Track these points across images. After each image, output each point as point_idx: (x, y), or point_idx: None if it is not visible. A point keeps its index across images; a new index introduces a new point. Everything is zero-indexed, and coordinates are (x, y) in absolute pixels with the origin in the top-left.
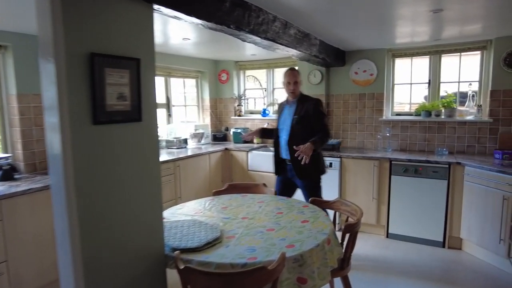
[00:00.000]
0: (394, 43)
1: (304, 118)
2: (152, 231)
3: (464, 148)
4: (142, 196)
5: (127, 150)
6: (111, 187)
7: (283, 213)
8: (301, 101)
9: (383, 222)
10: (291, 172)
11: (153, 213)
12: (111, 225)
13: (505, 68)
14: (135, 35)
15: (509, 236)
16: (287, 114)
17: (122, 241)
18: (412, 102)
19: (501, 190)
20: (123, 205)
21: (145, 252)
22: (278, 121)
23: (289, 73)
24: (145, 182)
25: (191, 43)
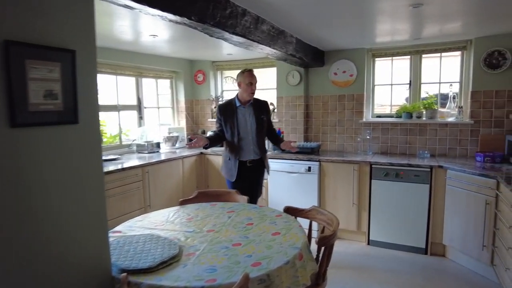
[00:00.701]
0: (374, 42)
1: (264, 119)
2: (94, 250)
3: (445, 151)
4: (80, 212)
5: (59, 158)
6: (35, 202)
7: (253, 224)
8: (255, 103)
9: (364, 228)
10: (251, 173)
11: (95, 230)
12: (31, 247)
13: (485, 68)
14: (69, 22)
15: (492, 242)
16: (247, 116)
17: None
18: (393, 104)
19: (483, 194)
20: (52, 225)
21: (87, 275)
22: (235, 124)
23: (251, 74)
24: (84, 195)
25: (162, 41)
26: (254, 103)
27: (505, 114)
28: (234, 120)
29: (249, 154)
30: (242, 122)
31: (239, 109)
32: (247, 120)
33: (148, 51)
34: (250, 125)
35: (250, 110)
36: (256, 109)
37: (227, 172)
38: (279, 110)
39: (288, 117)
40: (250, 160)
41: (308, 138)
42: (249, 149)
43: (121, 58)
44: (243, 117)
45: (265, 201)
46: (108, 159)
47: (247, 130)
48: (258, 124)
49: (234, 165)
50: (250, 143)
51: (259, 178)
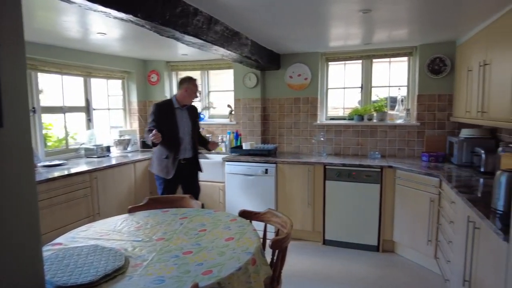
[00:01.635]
0: (327, 47)
1: (197, 122)
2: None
3: (395, 151)
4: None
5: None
6: None
7: (206, 230)
8: (189, 107)
9: (319, 228)
10: (186, 170)
11: (26, 244)
12: None
13: (429, 74)
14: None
15: (436, 237)
16: (184, 118)
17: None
18: (345, 107)
19: (428, 192)
20: None
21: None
22: (176, 124)
23: (195, 83)
24: (12, 205)
25: (113, 40)
26: (189, 107)
27: (446, 117)
28: (174, 121)
29: (185, 153)
30: (180, 123)
31: (177, 111)
32: (184, 121)
33: (97, 50)
34: (187, 126)
35: (186, 113)
36: (190, 112)
37: (161, 170)
38: (237, 112)
39: (245, 119)
40: (184, 158)
41: (266, 140)
42: (185, 148)
43: (67, 56)
44: (182, 119)
45: (222, 205)
46: (53, 165)
47: (184, 131)
48: (193, 126)
49: (172, 163)
50: (187, 143)
51: (194, 175)
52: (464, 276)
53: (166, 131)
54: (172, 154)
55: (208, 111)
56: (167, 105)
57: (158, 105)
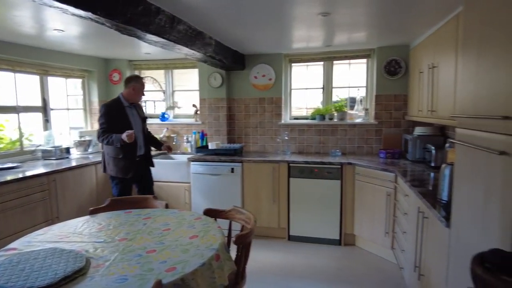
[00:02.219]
0: (290, 48)
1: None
2: None
3: (354, 149)
4: None
5: None
6: None
7: (170, 229)
8: (137, 105)
9: (283, 225)
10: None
11: None
12: None
13: (386, 75)
14: None
15: (393, 229)
16: (135, 115)
17: None
18: (308, 107)
19: (385, 187)
20: None
21: None
22: (130, 122)
23: (143, 82)
24: None
25: (71, 37)
26: (136, 104)
27: (402, 116)
28: (127, 119)
29: (140, 150)
30: (133, 121)
31: (126, 109)
32: (135, 119)
33: (54, 47)
34: (139, 124)
35: (134, 110)
36: (137, 109)
37: (119, 170)
38: (202, 112)
39: (211, 119)
40: (138, 155)
41: (232, 139)
42: (140, 145)
43: (20, 53)
44: (133, 116)
45: (188, 206)
46: (5, 168)
47: (138, 128)
48: (143, 122)
49: (131, 162)
50: (141, 140)
51: (148, 170)
52: (415, 262)
53: (120, 130)
54: (130, 153)
55: (172, 111)
56: (117, 104)
57: (107, 105)
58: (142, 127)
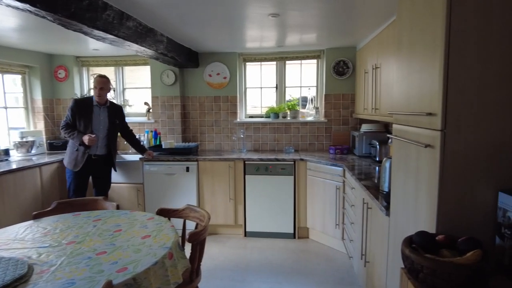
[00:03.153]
0: (244, 47)
1: (117, 122)
2: None
3: (306, 146)
4: None
5: None
6: None
7: (122, 230)
8: (112, 107)
9: (240, 221)
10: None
11: None
12: None
13: (334, 75)
14: None
15: (342, 220)
16: (102, 116)
17: None
18: (263, 105)
19: (334, 181)
20: None
21: None
22: (91, 120)
23: (98, 79)
24: None
25: (8, 30)
26: (110, 106)
27: (349, 114)
28: (89, 117)
29: (97, 150)
30: (96, 121)
31: (95, 108)
32: (100, 120)
33: None
34: (103, 125)
35: (105, 111)
36: (111, 112)
37: (70, 162)
38: (155, 110)
39: (164, 117)
40: (95, 154)
41: (187, 138)
42: (97, 145)
43: None
44: (98, 116)
45: (141, 207)
46: None
47: (99, 129)
48: (111, 125)
49: (82, 157)
50: (100, 140)
51: (107, 172)
52: (361, 251)
53: (81, 126)
54: (82, 148)
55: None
56: (86, 102)
57: (76, 100)
58: (109, 129)
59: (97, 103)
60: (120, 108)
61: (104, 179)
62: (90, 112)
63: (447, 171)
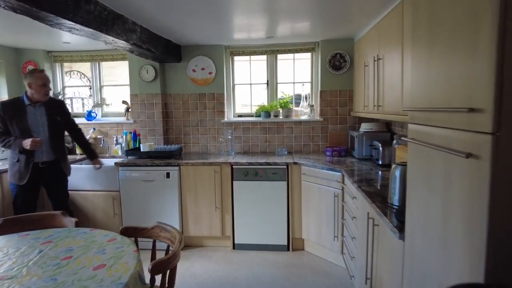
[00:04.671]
0: (231, 39)
1: (59, 119)
2: None
3: (301, 147)
4: None
5: None
6: None
7: (72, 257)
8: (49, 103)
9: (228, 232)
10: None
11: None
12: None
13: (331, 70)
14: None
15: (342, 232)
16: (38, 115)
17: None
18: (254, 103)
19: (332, 188)
20: None
21: None
22: (27, 123)
23: (42, 74)
24: None
25: None
26: (47, 102)
27: (347, 112)
28: (24, 119)
29: (42, 156)
30: (33, 122)
31: (28, 108)
32: (38, 119)
33: None
34: (42, 124)
35: (41, 109)
36: (49, 108)
37: (13, 175)
38: (134, 109)
39: (144, 117)
40: (42, 161)
41: (169, 140)
42: (41, 150)
43: None
44: (34, 117)
45: (118, 217)
46: None
47: (39, 130)
48: (51, 124)
49: (25, 167)
50: (43, 144)
51: (61, 180)
52: (366, 273)
53: (16, 131)
54: (24, 157)
55: (101, 109)
56: (15, 103)
57: (3, 104)
58: (50, 129)
59: (30, 102)
60: (60, 103)
61: (59, 188)
62: (24, 113)
63: (501, 192)
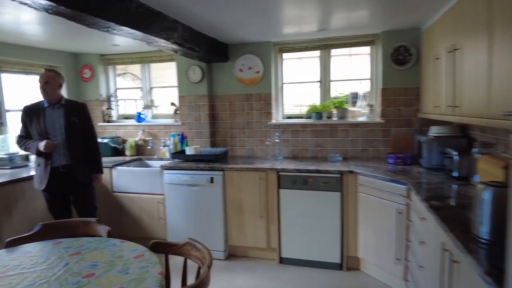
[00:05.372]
0: (280, 34)
1: (76, 121)
2: None
3: (358, 153)
4: None
5: None
6: None
7: (94, 275)
8: (68, 105)
9: (274, 244)
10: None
11: None
12: None
13: (393, 65)
14: None
15: (405, 255)
16: (56, 117)
17: None
18: (304, 104)
19: (395, 202)
20: None
21: None
22: (44, 125)
23: (42, 74)
24: None
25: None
26: (67, 104)
27: (413, 113)
28: (42, 121)
29: (61, 159)
30: (50, 123)
31: (47, 110)
32: (55, 121)
33: (11, 40)
34: (59, 127)
35: (60, 111)
36: (68, 111)
37: (36, 180)
38: (182, 111)
39: (191, 119)
40: (62, 165)
41: (216, 143)
42: (59, 153)
43: None
44: (51, 118)
45: (162, 221)
46: None
47: (56, 132)
48: (68, 126)
49: (45, 171)
50: (60, 146)
51: (80, 187)
52: None
53: (35, 134)
54: (44, 161)
55: (150, 111)
56: (36, 106)
57: (25, 107)
58: (67, 131)
59: (49, 104)
60: (81, 106)
61: (81, 197)
62: (43, 115)
63: None
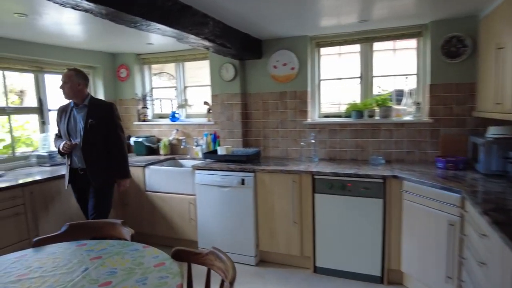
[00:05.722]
0: (317, 27)
1: (93, 123)
2: None
3: (403, 155)
4: None
5: None
6: None
7: (111, 283)
8: (92, 105)
9: (308, 253)
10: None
11: None
12: None
13: (444, 58)
14: None
15: (458, 274)
16: (78, 118)
17: None
18: (342, 102)
19: (446, 213)
20: None
21: None
22: (66, 126)
23: (63, 74)
24: None
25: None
26: (91, 105)
27: (468, 111)
28: (65, 122)
29: (76, 161)
30: (72, 124)
31: (73, 111)
32: (77, 123)
33: (50, 41)
34: (79, 128)
35: (83, 112)
36: (90, 111)
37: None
38: (215, 110)
39: (224, 118)
40: (80, 168)
41: (248, 143)
42: (76, 155)
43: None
44: (74, 119)
45: (193, 222)
46: None
47: (76, 134)
48: (85, 128)
49: (67, 171)
50: (77, 148)
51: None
52: None
53: (63, 134)
54: (67, 161)
55: (184, 110)
56: (67, 106)
57: (58, 108)
58: (84, 134)
59: (75, 104)
60: (106, 107)
61: (92, 202)
62: (69, 116)
63: None
